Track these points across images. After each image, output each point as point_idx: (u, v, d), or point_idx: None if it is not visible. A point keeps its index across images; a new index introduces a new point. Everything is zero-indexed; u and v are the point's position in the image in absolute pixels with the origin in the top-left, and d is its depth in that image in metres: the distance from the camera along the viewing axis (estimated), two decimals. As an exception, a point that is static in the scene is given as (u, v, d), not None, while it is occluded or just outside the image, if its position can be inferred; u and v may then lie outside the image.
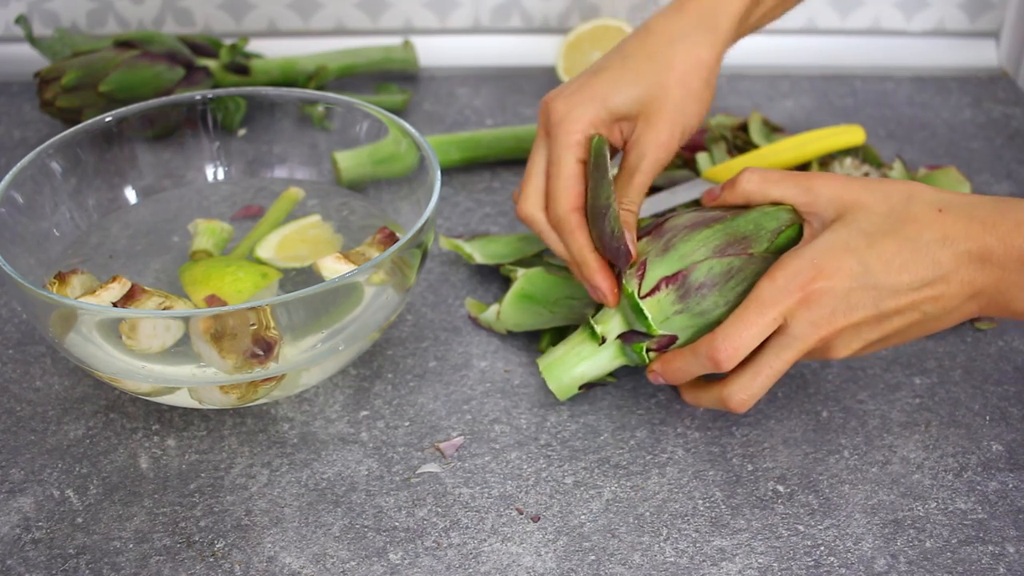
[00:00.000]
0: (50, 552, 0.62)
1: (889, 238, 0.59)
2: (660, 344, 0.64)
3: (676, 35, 0.69)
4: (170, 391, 0.65)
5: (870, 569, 0.61)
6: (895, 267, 0.59)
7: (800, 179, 0.63)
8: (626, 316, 0.66)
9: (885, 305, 0.59)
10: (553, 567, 0.61)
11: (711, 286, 0.62)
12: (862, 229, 0.60)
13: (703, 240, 0.63)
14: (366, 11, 1.12)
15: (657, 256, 0.64)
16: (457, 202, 0.91)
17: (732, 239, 0.63)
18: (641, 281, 0.64)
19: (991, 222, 0.58)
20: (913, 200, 0.60)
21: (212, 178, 0.82)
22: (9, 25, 1.12)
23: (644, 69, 0.69)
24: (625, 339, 0.66)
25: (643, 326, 0.64)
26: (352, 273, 0.62)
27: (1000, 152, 0.97)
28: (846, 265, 0.59)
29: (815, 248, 0.60)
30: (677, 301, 0.63)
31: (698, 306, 0.63)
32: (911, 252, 0.59)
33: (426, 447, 0.68)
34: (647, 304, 0.63)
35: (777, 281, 0.60)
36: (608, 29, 1.05)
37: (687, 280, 0.63)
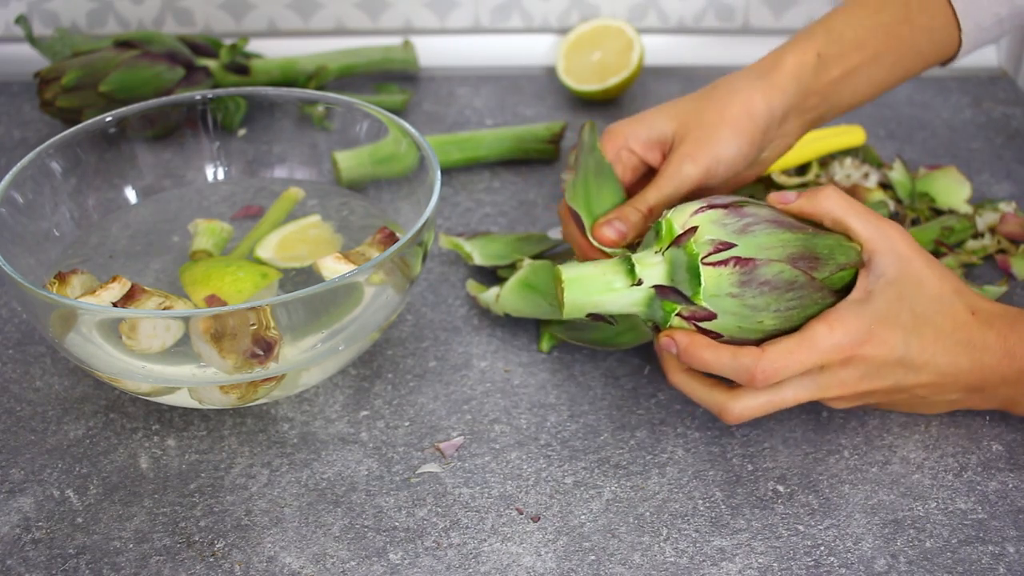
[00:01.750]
0: (50, 552, 0.62)
1: (929, 327, 0.62)
2: (695, 315, 0.62)
3: (735, 86, 0.70)
4: (170, 391, 0.65)
5: (870, 569, 0.61)
6: (926, 356, 0.62)
7: (880, 223, 0.63)
8: (673, 269, 0.63)
9: (903, 384, 0.63)
10: (553, 567, 0.61)
11: (773, 287, 0.61)
12: (912, 308, 0.62)
13: (784, 242, 0.62)
14: (366, 11, 1.12)
15: (734, 232, 0.61)
16: (457, 202, 0.91)
17: (807, 254, 0.62)
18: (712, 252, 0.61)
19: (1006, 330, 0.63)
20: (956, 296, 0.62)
21: (212, 178, 0.82)
22: (9, 25, 1.12)
23: (697, 105, 0.71)
24: (661, 293, 0.62)
25: (690, 290, 0.61)
26: (352, 273, 0.62)
27: (1000, 152, 0.97)
28: (893, 340, 0.61)
29: (874, 312, 0.61)
30: (736, 284, 0.61)
31: (752, 300, 0.61)
32: (942, 349, 0.62)
33: (426, 447, 0.68)
34: (707, 272, 0.61)
35: (836, 334, 0.61)
36: (608, 29, 1.05)
37: (756, 271, 0.61)
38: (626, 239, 0.69)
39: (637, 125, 0.72)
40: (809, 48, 0.70)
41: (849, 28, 0.71)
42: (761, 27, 1.13)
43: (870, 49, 0.71)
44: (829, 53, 0.71)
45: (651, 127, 0.71)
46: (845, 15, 0.72)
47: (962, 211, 0.86)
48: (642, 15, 1.12)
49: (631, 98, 1.06)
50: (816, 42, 0.71)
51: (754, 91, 0.70)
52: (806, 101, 0.71)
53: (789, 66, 0.70)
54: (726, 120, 0.69)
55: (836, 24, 0.72)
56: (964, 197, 0.87)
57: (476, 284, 0.79)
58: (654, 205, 0.69)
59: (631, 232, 0.69)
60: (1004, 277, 0.81)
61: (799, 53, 0.70)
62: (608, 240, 0.69)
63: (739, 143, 0.69)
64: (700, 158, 0.69)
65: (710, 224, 0.62)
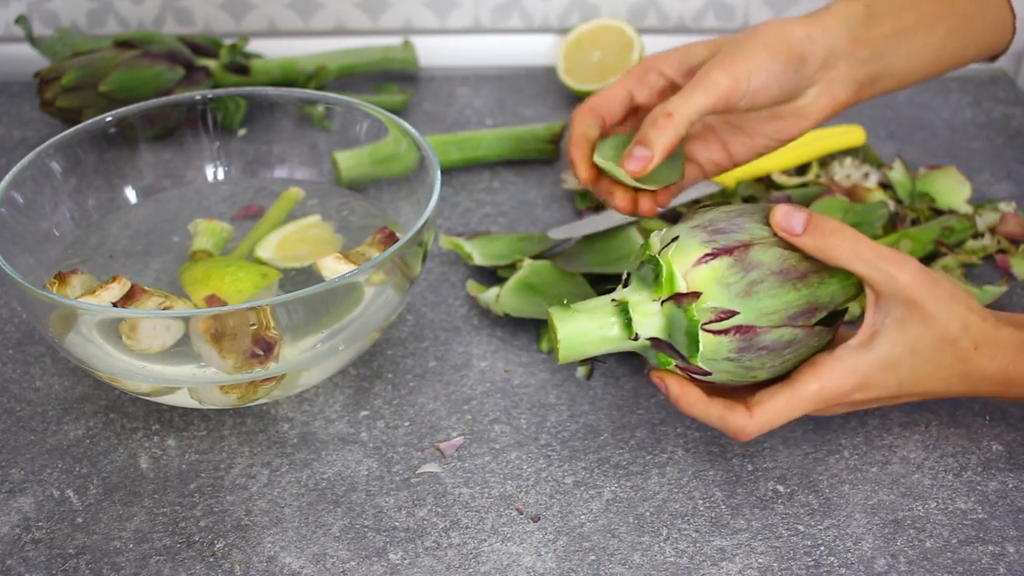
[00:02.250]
0: (50, 552, 0.62)
1: (928, 365, 0.62)
2: (688, 369, 0.62)
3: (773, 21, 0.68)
4: (170, 391, 0.65)
5: (870, 569, 0.61)
6: (920, 388, 0.63)
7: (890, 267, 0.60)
8: (671, 326, 0.61)
9: (889, 402, 0.64)
10: (553, 567, 0.61)
11: (771, 351, 0.61)
12: (914, 348, 0.61)
13: (787, 304, 0.60)
14: (366, 11, 1.12)
15: (737, 295, 0.60)
16: (457, 202, 0.91)
17: (809, 308, 0.61)
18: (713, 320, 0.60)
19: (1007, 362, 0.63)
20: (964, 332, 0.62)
21: (212, 178, 0.82)
22: (9, 25, 1.12)
23: (733, 37, 0.68)
24: (657, 346, 0.62)
25: (687, 352, 0.61)
26: (352, 273, 0.62)
27: (1000, 152, 0.97)
28: (887, 383, 0.62)
29: (874, 358, 0.61)
30: (735, 351, 0.60)
31: (749, 362, 0.61)
32: (937, 380, 0.62)
33: (426, 447, 0.68)
34: (706, 338, 0.60)
35: (826, 390, 0.61)
36: (608, 29, 1.05)
37: (755, 339, 0.60)
38: (653, 162, 0.65)
39: (670, 52, 0.69)
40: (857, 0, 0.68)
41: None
42: (761, 27, 1.13)
43: (923, 9, 0.69)
44: (879, 6, 0.68)
45: (684, 53, 0.69)
46: None
47: (962, 211, 0.86)
48: (642, 15, 1.12)
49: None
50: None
51: (794, 24, 0.67)
52: (856, 50, 0.68)
53: (835, 10, 0.68)
54: (759, 39, 0.66)
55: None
56: (964, 197, 0.87)
57: (476, 284, 0.79)
58: (677, 111, 0.65)
59: (657, 152, 0.65)
60: (1004, 277, 0.81)
61: (846, 2, 0.68)
62: (635, 172, 0.65)
63: (773, 63, 0.65)
64: (730, 67, 0.65)
65: (714, 285, 0.60)
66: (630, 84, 0.70)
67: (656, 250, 0.62)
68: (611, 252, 0.80)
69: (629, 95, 0.70)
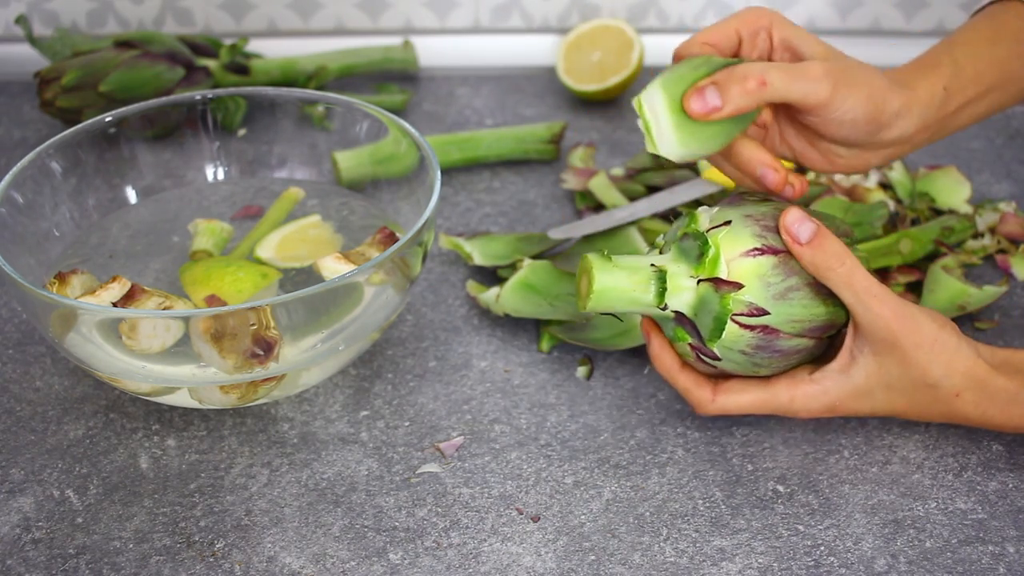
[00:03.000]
0: (50, 552, 0.62)
1: (904, 399, 0.63)
2: (700, 348, 0.63)
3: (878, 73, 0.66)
4: (170, 391, 0.65)
5: (870, 569, 0.61)
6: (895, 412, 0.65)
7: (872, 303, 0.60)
8: (701, 306, 0.62)
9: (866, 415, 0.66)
10: (553, 567, 0.61)
11: (784, 355, 0.62)
12: (887, 382, 0.63)
13: (813, 317, 0.61)
14: (366, 11, 1.12)
15: (773, 297, 0.60)
16: (457, 202, 0.91)
17: (827, 324, 0.62)
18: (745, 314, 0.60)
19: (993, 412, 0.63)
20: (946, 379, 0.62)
21: (212, 178, 0.82)
22: (9, 25, 1.12)
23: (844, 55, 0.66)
24: (680, 321, 0.63)
25: (708, 335, 0.61)
26: (352, 273, 0.62)
27: (1000, 152, 0.97)
28: (858, 408, 0.64)
29: (847, 386, 0.63)
30: (752, 348, 0.61)
31: (759, 360, 0.62)
32: (913, 413, 0.64)
33: (426, 447, 0.68)
34: (731, 329, 0.60)
35: (794, 405, 0.64)
36: (608, 29, 1.05)
37: (775, 342, 0.61)
38: (719, 114, 0.61)
39: (784, 20, 0.66)
40: (938, 80, 0.68)
41: (970, 62, 0.69)
42: (761, 27, 1.13)
43: (984, 84, 0.70)
44: (952, 87, 0.68)
45: (796, 32, 0.66)
46: (966, 47, 0.70)
47: (962, 211, 0.86)
48: (642, 15, 1.12)
49: (631, 98, 1.06)
50: (943, 74, 0.68)
51: (896, 92, 0.66)
52: (917, 135, 0.68)
53: (922, 95, 0.67)
54: (870, 85, 0.64)
55: (960, 55, 0.69)
56: (964, 197, 0.87)
57: (476, 284, 0.79)
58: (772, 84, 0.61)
59: (727, 109, 0.61)
60: (1004, 277, 0.81)
61: (930, 83, 0.67)
62: (695, 112, 0.61)
63: (866, 111, 0.64)
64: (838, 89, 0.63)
65: (756, 280, 0.60)
66: (742, 30, 0.66)
67: (704, 227, 0.62)
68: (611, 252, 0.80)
69: (739, 39, 0.66)
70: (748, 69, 0.61)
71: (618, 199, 0.87)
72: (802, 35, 0.66)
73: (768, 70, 0.61)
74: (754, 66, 0.61)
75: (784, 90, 0.62)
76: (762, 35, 0.66)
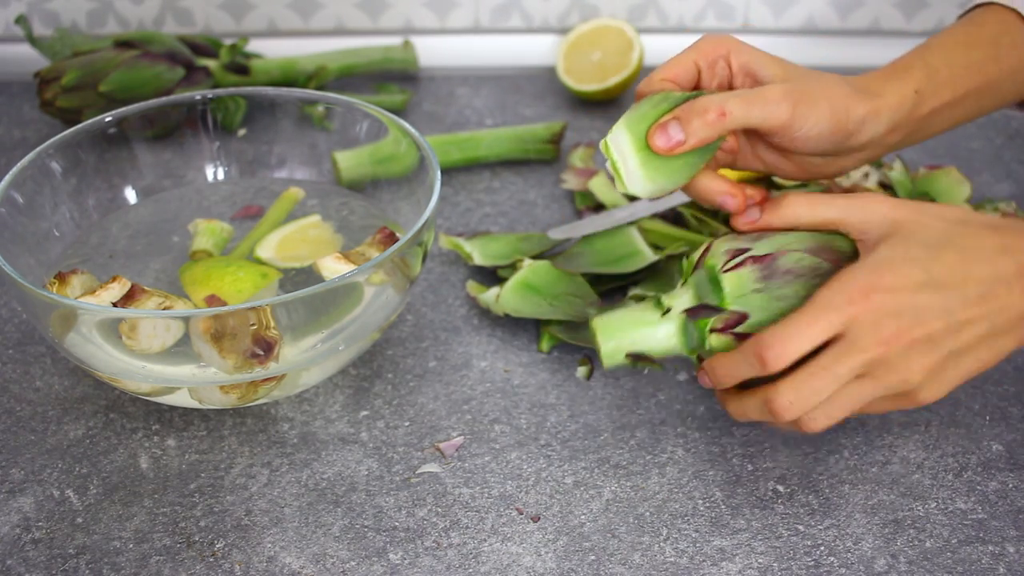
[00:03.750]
0: (50, 552, 0.62)
1: (949, 249, 0.59)
2: (727, 323, 0.61)
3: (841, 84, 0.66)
4: (170, 391, 0.65)
5: (870, 569, 0.61)
6: (959, 275, 0.58)
7: (852, 199, 0.62)
8: (699, 290, 0.63)
9: (955, 312, 0.58)
10: (553, 567, 0.61)
11: (797, 275, 0.60)
12: (921, 241, 0.59)
13: (799, 237, 0.62)
14: (366, 11, 1.12)
15: (749, 240, 0.62)
16: (457, 202, 0.91)
17: (827, 247, 0.61)
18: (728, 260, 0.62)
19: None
20: (967, 220, 0.60)
21: (212, 178, 0.82)
22: (9, 25, 1.12)
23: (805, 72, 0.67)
24: (691, 314, 0.62)
25: (716, 298, 0.62)
26: (352, 273, 0.62)
27: (1000, 152, 0.97)
28: (910, 274, 0.58)
29: (875, 259, 0.59)
30: (759, 280, 0.61)
31: (779, 290, 0.60)
32: (973, 261, 0.58)
33: (426, 447, 0.68)
34: (726, 277, 0.61)
35: (833, 287, 0.58)
36: (608, 29, 1.05)
37: (774, 263, 0.61)
38: (682, 148, 0.62)
39: (742, 46, 0.67)
40: (909, 83, 0.68)
41: (945, 65, 0.69)
42: (761, 27, 1.13)
43: (960, 88, 0.70)
44: (925, 90, 0.68)
45: (754, 57, 0.66)
46: (942, 51, 0.70)
47: (962, 211, 0.86)
48: (642, 15, 1.12)
49: (631, 98, 1.06)
50: (915, 77, 0.68)
51: (860, 101, 0.66)
52: (889, 135, 0.68)
53: (891, 100, 0.67)
54: (830, 98, 0.65)
55: (933, 59, 0.69)
56: (964, 197, 0.87)
57: (476, 284, 0.79)
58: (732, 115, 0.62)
59: (690, 142, 0.62)
60: (1004, 277, 0.81)
61: (901, 86, 0.68)
62: (660, 148, 0.62)
63: (829, 125, 0.65)
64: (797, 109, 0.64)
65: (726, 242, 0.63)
66: (700, 61, 0.67)
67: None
68: (611, 252, 0.80)
69: (698, 71, 0.67)
70: (707, 101, 0.62)
71: (618, 199, 0.87)
72: (760, 58, 0.66)
73: (727, 100, 0.62)
74: (713, 98, 0.62)
75: (744, 117, 0.63)
76: (720, 63, 0.67)
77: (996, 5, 0.72)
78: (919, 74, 0.68)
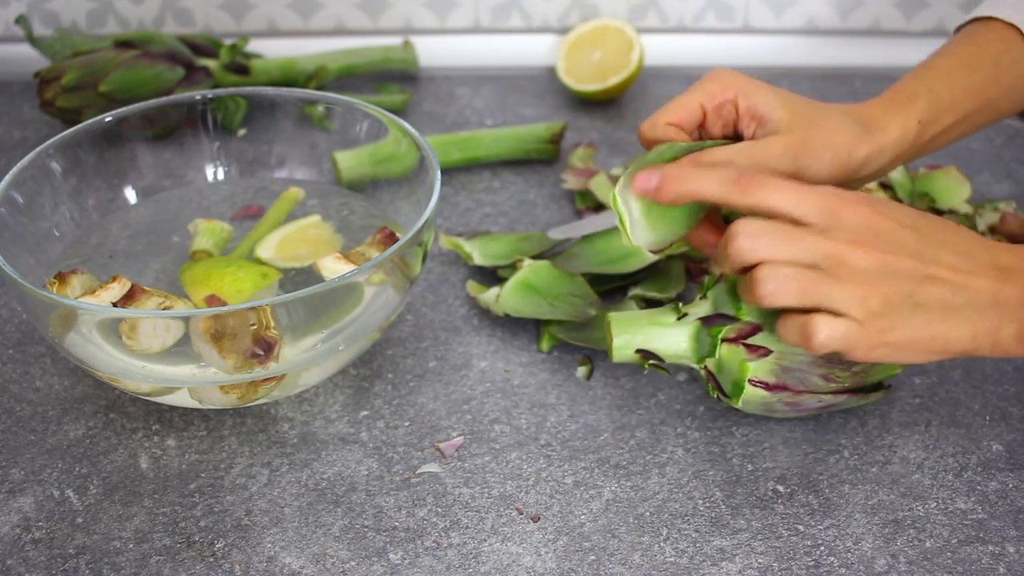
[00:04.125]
0: (50, 552, 0.62)
1: (933, 224, 0.60)
2: (740, 332, 0.63)
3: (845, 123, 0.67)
4: (170, 391, 0.65)
5: (870, 569, 0.61)
6: (941, 238, 0.59)
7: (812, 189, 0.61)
8: (717, 302, 0.65)
9: (927, 262, 0.58)
10: (553, 567, 0.61)
11: None
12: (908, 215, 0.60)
13: None
14: (366, 11, 1.12)
15: None
16: (457, 202, 0.91)
17: None
18: None
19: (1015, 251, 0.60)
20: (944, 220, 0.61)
21: (212, 178, 0.82)
22: (9, 25, 1.12)
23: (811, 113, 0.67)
24: (706, 322, 0.65)
25: (733, 308, 0.64)
26: (352, 273, 0.62)
27: (1000, 152, 0.97)
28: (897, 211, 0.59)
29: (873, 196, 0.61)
30: None
31: None
32: (954, 238, 0.60)
33: (426, 447, 0.68)
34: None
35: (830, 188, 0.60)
36: (608, 29, 1.05)
37: None
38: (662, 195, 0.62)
39: (750, 87, 0.67)
40: (913, 114, 0.68)
41: (947, 91, 0.70)
42: (761, 27, 1.13)
43: (961, 111, 0.70)
44: (928, 119, 0.69)
45: (761, 99, 0.67)
46: (945, 76, 0.70)
47: (962, 211, 0.86)
48: (642, 15, 1.12)
49: (631, 98, 1.06)
50: (920, 107, 0.69)
51: (860, 139, 0.67)
52: (891, 164, 0.69)
53: (894, 133, 0.68)
54: (832, 144, 0.66)
55: (937, 85, 0.70)
56: (964, 197, 0.87)
57: (476, 284, 0.79)
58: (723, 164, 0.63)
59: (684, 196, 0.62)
60: (1004, 277, 0.80)
61: (904, 119, 0.68)
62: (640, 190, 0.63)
63: (831, 171, 0.66)
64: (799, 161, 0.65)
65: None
66: (707, 105, 0.68)
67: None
68: (611, 252, 0.80)
69: (703, 114, 0.68)
70: (713, 156, 0.63)
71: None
72: (767, 101, 0.67)
73: (732, 156, 0.64)
74: (719, 152, 0.64)
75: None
76: (728, 106, 0.68)
77: (996, 21, 0.72)
78: (923, 103, 0.69)
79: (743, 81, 0.67)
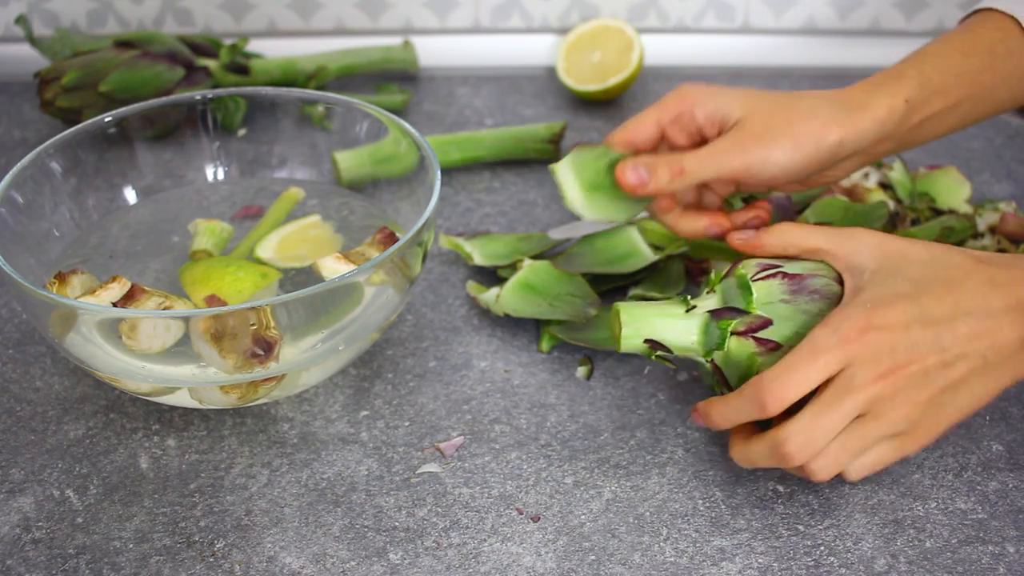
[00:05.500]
0: (50, 552, 0.62)
1: (937, 283, 0.59)
2: (751, 326, 0.62)
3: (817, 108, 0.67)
4: (170, 391, 0.65)
5: (870, 569, 0.61)
6: (949, 309, 0.58)
7: (841, 231, 0.63)
8: (726, 295, 0.65)
9: (947, 347, 0.58)
10: (553, 567, 0.61)
11: (823, 296, 0.62)
12: (908, 276, 0.60)
13: (828, 267, 0.64)
14: (366, 11, 1.12)
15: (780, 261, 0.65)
16: (457, 202, 0.91)
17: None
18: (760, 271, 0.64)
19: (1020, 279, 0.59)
20: (952, 251, 0.61)
21: (212, 178, 0.82)
22: (9, 25, 1.12)
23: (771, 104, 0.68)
24: (716, 314, 0.64)
25: (743, 302, 0.63)
26: (352, 273, 0.62)
27: (1000, 152, 0.97)
28: (901, 310, 0.58)
29: (865, 296, 0.59)
30: (788, 292, 0.62)
31: (806, 305, 0.62)
32: (961, 293, 0.59)
33: (426, 447, 0.68)
34: (757, 284, 0.63)
35: (829, 326, 0.59)
36: (608, 29, 1.05)
37: (804, 282, 0.63)
38: (646, 189, 0.68)
39: (707, 95, 0.69)
40: (900, 92, 0.68)
41: (938, 73, 0.69)
42: (761, 27, 1.13)
43: (952, 96, 0.70)
44: (916, 99, 0.69)
45: (720, 103, 0.69)
46: (936, 59, 0.70)
47: (962, 211, 0.86)
48: (642, 15, 1.12)
49: (631, 98, 1.06)
50: (907, 86, 0.68)
51: (833, 122, 0.67)
52: (878, 145, 0.69)
53: (878, 112, 0.67)
54: (794, 133, 0.66)
55: (927, 67, 0.69)
56: (964, 197, 0.87)
57: (476, 284, 0.79)
58: (689, 172, 0.67)
59: (652, 184, 0.68)
60: (1004, 277, 0.81)
61: (890, 97, 0.68)
62: (627, 183, 0.68)
63: (794, 159, 0.67)
64: (750, 154, 0.66)
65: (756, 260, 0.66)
66: (662, 119, 0.70)
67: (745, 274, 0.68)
68: (611, 252, 0.80)
69: (659, 129, 0.71)
70: (671, 160, 0.68)
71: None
72: (726, 103, 0.69)
73: (684, 158, 0.68)
74: (673, 158, 0.68)
75: (698, 173, 0.67)
76: (685, 117, 0.70)
77: (995, 11, 0.72)
78: (911, 83, 0.69)
79: (701, 90, 0.70)
